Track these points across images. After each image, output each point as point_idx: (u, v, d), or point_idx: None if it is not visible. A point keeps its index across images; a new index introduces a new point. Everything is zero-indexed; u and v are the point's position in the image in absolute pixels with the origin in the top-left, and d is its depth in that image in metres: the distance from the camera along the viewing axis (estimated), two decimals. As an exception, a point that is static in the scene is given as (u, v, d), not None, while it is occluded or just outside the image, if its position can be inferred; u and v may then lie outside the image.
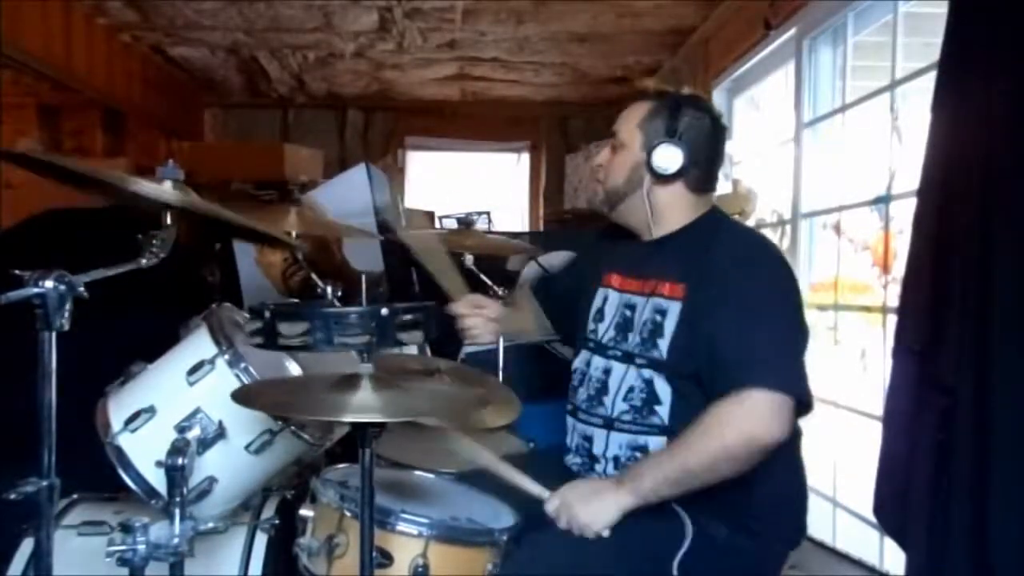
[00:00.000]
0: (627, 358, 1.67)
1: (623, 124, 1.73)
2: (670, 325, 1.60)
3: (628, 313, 1.71)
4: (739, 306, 1.55)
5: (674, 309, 1.61)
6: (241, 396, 1.30)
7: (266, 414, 1.47)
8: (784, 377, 1.50)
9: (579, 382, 1.77)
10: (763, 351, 1.52)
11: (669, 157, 1.66)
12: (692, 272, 1.62)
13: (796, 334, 1.60)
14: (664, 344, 1.60)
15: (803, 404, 1.54)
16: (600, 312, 1.78)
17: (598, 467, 1.66)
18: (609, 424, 1.66)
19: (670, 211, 1.71)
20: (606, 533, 1.49)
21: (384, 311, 1.20)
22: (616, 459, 1.63)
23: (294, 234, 2.53)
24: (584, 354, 1.79)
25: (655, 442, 1.60)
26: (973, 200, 1.66)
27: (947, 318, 1.70)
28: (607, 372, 1.70)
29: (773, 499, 1.61)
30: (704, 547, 1.53)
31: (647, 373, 1.62)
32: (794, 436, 1.70)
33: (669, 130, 1.67)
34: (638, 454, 1.61)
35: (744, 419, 1.48)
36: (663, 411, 1.60)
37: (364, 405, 1.21)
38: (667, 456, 1.53)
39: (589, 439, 1.69)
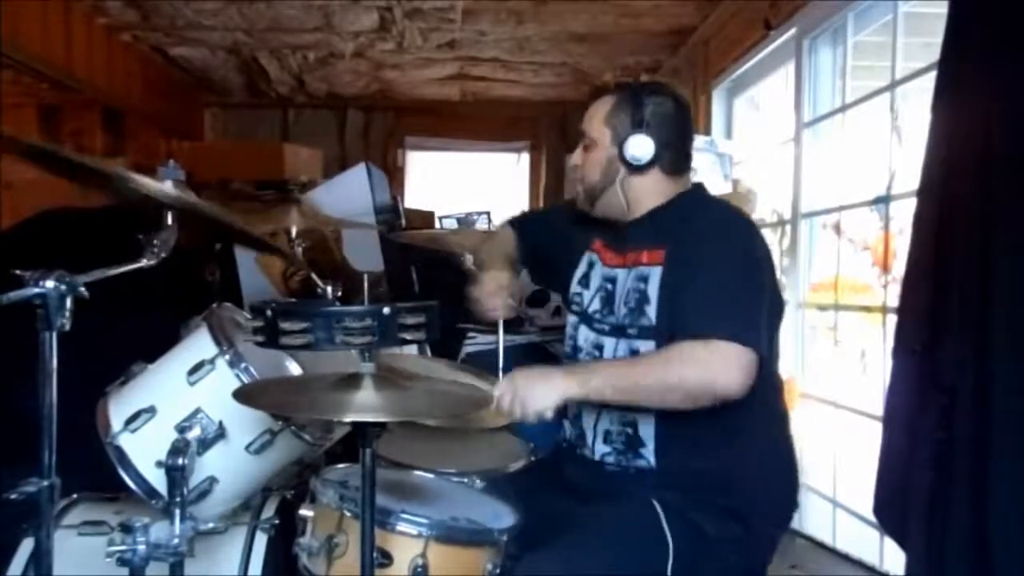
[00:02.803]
0: (616, 331, 1.68)
1: (590, 122, 1.74)
2: (654, 291, 1.62)
3: (609, 287, 1.73)
4: (710, 266, 1.57)
5: (655, 274, 1.63)
6: (242, 395, 1.30)
7: (266, 414, 1.47)
8: (751, 334, 1.50)
9: (571, 351, 1.79)
10: (734, 307, 1.54)
11: (640, 147, 1.68)
12: (671, 238, 1.64)
13: (764, 299, 1.60)
14: (652, 310, 1.62)
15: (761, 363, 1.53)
16: (586, 278, 1.80)
17: (588, 441, 1.68)
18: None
19: (646, 197, 1.73)
20: (548, 415, 1.51)
21: (386, 310, 1.20)
22: (607, 433, 1.65)
23: (294, 231, 2.52)
24: (572, 319, 1.81)
25: (643, 418, 1.61)
26: (973, 200, 1.66)
27: (947, 318, 1.70)
28: (599, 348, 1.72)
29: (757, 480, 1.62)
30: (695, 546, 1.53)
31: (636, 344, 1.64)
32: (780, 417, 1.71)
33: (635, 120, 1.68)
34: (628, 430, 1.62)
35: (710, 362, 1.48)
36: None
37: (366, 405, 1.21)
38: (625, 366, 1.57)
39: (578, 415, 1.71)
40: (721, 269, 1.57)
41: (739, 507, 1.58)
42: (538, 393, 1.51)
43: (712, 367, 1.48)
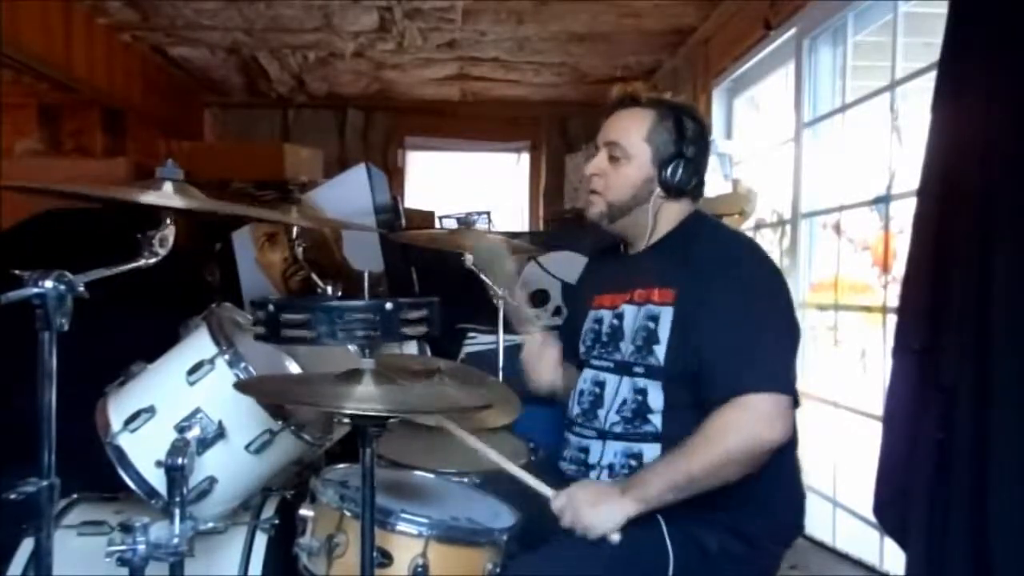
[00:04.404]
0: (621, 368, 1.66)
1: (625, 134, 1.69)
2: (664, 331, 1.60)
3: (616, 322, 1.70)
4: (727, 309, 1.55)
5: (666, 314, 1.60)
6: (243, 387, 1.30)
7: (266, 414, 1.47)
8: (780, 379, 1.51)
9: (576, 398, 1.76)
10: (758, 354, 1.53)
11: (683, 173, 1.67)
12: (679, 276, 1.61)
13: (785, 333, 1.60)
14: (661, 350, 1.60)
15: (795, 402, 1.56)
16: (591, 332, 1.78)
17: (592, 474, 1.66)
18: (603, 435, 1.66)
19: (666, 221, 1.72)
20: (615, 538, 1.48)
21: (388, 305, 1.20)
22: (611, 467, 1.63)
23: (294, 231, 2.53)
24: (582, 373, 1.78)
25: (649, 449, 1.60)
26: (973, 200, 1.66)
27: (947, 318, 1.70)
28: (600, 385, 1.70)
29: (764, 501, 1.60)
30: (696, 560, 1.53)
31: (641, 383, 1.62)
32: (789, 441, 1.70)
33: (677, 144, 1.66)
34: (633, 462, 1.60)
35: (748, 424, 1.49)
36: (656, 419, 1.60)
37: (366, 396, 1.21)
38: (672, 463, 1.52)
39: (585, 450, 1.69)
40: (735, 316, 1.55)
41: (743, 526, 1.57)
42: (600, 518, 1.48)
43: (752, 428, 1.48)
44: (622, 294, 1.71)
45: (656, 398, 1.60)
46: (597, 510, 1.49)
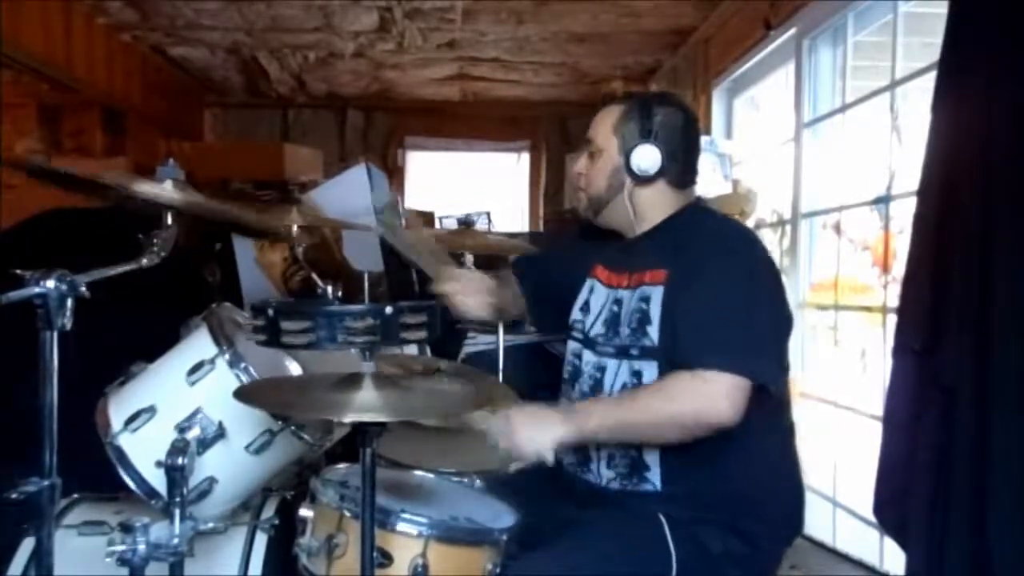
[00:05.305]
0: (620, 353, 1.67)
1: (597, 130, 1.73)
2: (655, 311, 1.61)
3: (616, 308, 1.71)
4: (710, 287, 1.56)
5: (657, 294, 1.61)
6: (242, 395, 1.30)
7: (266, 414, 1.47)
8: (746, 362, 1.49)
9: (571, 376, 1.77)
10: (732, 334, 1.53)
11: (647, 158, 1.67)
12: (673, 258, 1.62)
13: (767, 320, 1.59)
14: (653, 331, 1.60)
15: (765, 389, 1.52)
16: (587, 304, 1.78)
17: (592, 466, 1.66)
18: None
19: (652, 209, 1.72)
20: (548, 458, 1.50)
21: (388, 309, 1.20)
22: (611, 457, 1.63)
23: (295, 230, 2.53)
24: (573, 345, 1.79)
25: None
26: (973, 200, 1.67)
27: (947, 318, 1.70)
28: (601, 370, 1.70)
29: (765, 500, 1.60)
30: (698, 560, 1.53)
31: (637, 365, 1.62)
32: (787, 433, 1.70)
33: (643, 131, 1.67)
34: (633, 452, 1.60)
35: (701, 396, 1.48)
36: None
37: (366, 404, 1.21)
38: (618, 406, 1.56)
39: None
40: (718, 293, 1.55)
41: (744, 525, 1.57)
42: (533, 436, 1.50)
43: (702, 400, 1.48)
44: (619, 276, 1.73)
45: (651, 378, 1.60)
46: (529, 429, 1.51)
